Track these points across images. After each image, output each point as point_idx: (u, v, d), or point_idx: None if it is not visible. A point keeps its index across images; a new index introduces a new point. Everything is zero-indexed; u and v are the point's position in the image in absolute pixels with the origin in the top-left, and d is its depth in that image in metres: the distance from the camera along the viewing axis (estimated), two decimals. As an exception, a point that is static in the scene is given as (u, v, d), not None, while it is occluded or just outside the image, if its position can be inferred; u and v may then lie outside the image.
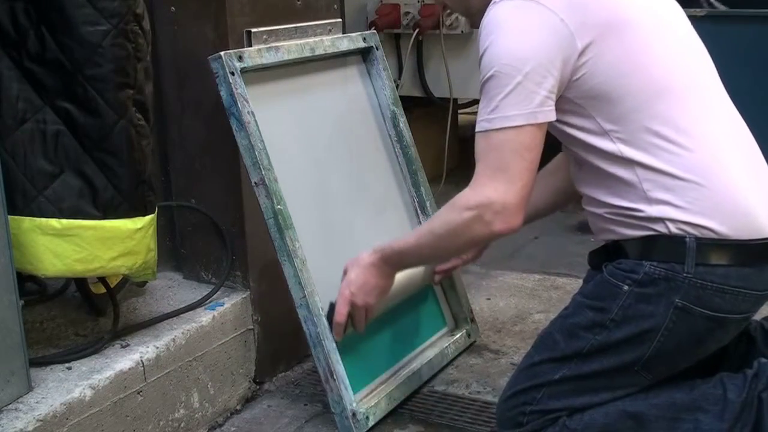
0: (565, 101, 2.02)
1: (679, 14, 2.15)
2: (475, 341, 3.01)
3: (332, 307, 2.42)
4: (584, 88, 1.98)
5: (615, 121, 1.99)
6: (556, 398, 2.11)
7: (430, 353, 2.81)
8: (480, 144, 2.01)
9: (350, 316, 2.39)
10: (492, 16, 2.00)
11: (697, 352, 2.07)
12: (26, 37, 2.09)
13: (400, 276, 2.42)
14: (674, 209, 1.97)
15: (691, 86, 2.04)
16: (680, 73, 2.04)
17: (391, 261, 2.30)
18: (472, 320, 3.03)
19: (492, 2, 2.03)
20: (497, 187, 1.97)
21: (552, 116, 1.98)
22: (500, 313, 3.28)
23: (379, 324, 2.69)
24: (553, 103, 1.97)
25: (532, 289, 3.49)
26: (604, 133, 2.00)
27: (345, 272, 2.38)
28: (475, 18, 2.17)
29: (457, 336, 2.94)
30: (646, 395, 2.09)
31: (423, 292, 2.93)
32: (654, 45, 2.02)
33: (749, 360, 2.11)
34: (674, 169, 1.97)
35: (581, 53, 1.96)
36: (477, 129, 2.01)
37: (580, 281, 2.31)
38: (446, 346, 2.87)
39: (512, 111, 1.95)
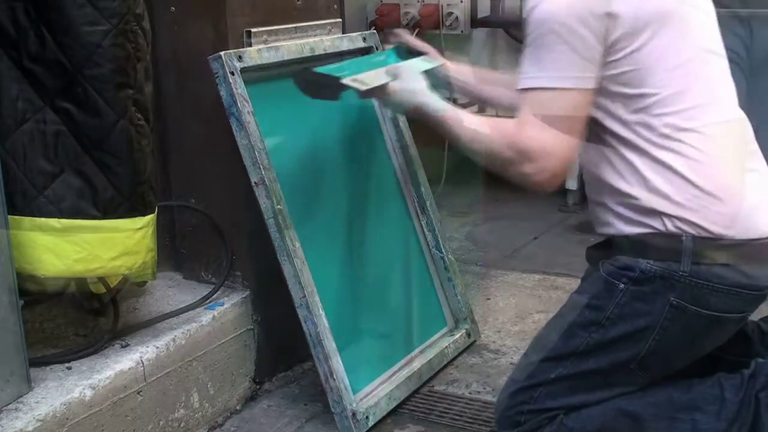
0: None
1: (711, 12, 2.14)
2: (475, 341, 3.02)
3: (330, 77, 2.40)
4: (611, 74, 1.99)
5: (630, 109, 1.99)
6: (552, 397, 2.12)
7: (430, 353, 2.81)
8: (529, 97, 2.01)
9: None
10: None
11: (692, 351, 2.08)
12: (26, 37, 2.08)
13: None
14: (672, 204, 1.97)
15: (703, 86, 2.03)
16: (697, 74, 2.03)
17: (426, 117, 2.30)
18: (472, 320, 3.03)
19: None
20: (547, 141, 1.99)
21: (594, 84, 1.99)
22: (500, 312, 3.28)
23: (379, 324, 2.69)
24: (597, 71, 1.98)
25: (531, 289, 3.49)
26: (617, 117, 2.01)
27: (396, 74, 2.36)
28: None
29: (457, 336, 2.95)
30: (644, 394, 2.09)
31: (424, 292, 2.93)
32: (686, 44, 2.02)
33: (746, 360, 2.12)
34: (676, 164, 1.97)
35: (623, 36, 1.96)
36: (525, 85, 2.02)
37: (579, 281, 2.31)
38: (446, 346, 2.87)
39: (565, 72, 1.97)
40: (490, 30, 4.50)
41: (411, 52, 2.76)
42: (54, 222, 2.11)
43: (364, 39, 2.91)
